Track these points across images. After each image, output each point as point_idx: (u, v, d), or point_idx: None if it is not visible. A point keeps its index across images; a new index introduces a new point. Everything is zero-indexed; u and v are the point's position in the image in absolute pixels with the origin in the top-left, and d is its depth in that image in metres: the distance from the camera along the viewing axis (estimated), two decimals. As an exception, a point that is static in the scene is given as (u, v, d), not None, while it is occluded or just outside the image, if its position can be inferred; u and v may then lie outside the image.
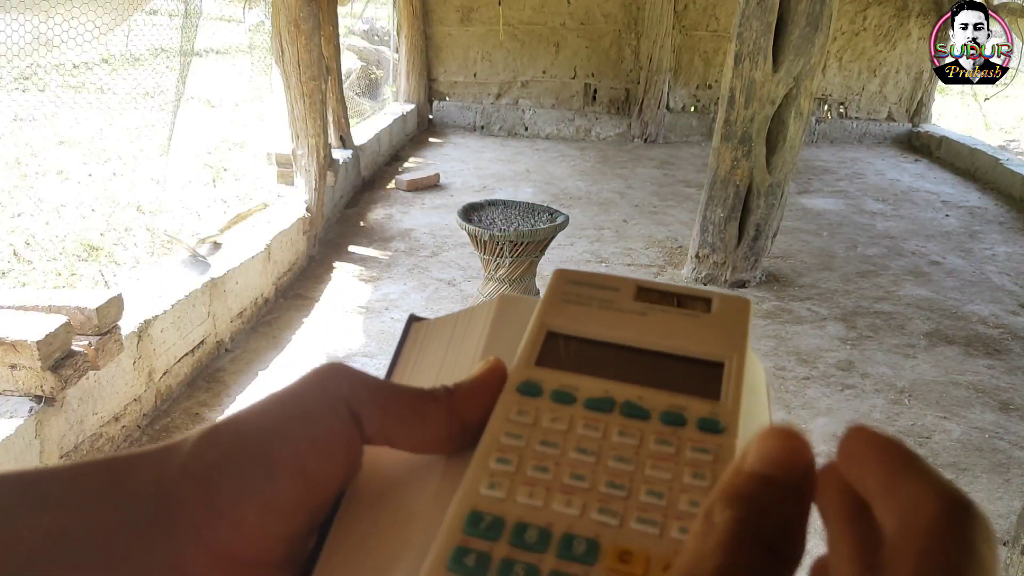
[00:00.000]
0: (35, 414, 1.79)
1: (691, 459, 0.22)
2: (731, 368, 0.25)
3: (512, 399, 0.24)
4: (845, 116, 7.30)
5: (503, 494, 0.21)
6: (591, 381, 0.24)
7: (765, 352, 2.99)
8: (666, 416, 0.23)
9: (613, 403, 0.24)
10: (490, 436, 0.23)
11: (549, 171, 5.83)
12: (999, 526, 2.04)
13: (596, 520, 0.20)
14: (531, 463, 0.22)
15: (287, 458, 0.22)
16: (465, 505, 0.21)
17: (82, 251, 3.39)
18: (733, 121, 3.37)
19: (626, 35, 6.96)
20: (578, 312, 0.27)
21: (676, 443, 0.22)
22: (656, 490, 0.21)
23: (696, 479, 0.21)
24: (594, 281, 0.28)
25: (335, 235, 4.13)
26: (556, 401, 0.24)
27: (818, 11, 3.13)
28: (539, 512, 0.21)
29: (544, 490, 0.21)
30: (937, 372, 2.89)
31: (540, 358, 0.25)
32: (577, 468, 0.22)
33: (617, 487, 0.21)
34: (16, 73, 2.37)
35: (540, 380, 0.24)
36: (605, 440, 0.22)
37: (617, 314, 0.27)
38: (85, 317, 1.93)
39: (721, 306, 0.27)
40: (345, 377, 0.24)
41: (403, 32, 6.80)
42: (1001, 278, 3.93)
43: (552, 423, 0.23)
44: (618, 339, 0.26)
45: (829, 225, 4.73)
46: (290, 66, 3.47)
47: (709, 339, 0.26)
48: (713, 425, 0.23)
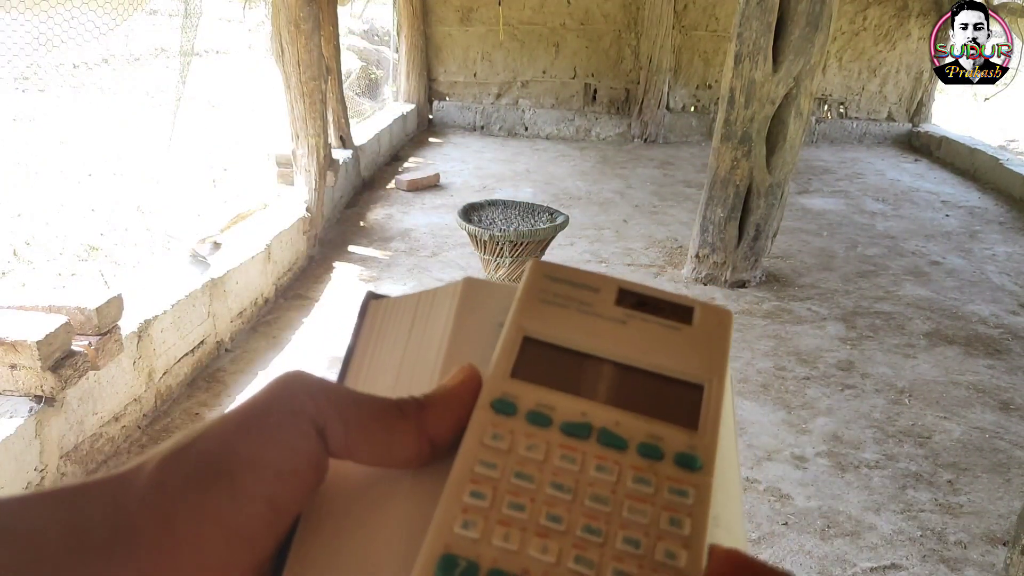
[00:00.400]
0: (35, 414, 1.78)
1: (668, 502, 0.22)
2: (711, 393, 0.25)
3: (486, 418, 0.23)
4: (845, 116, 7.30)
5: (477, 534, 0.21)
6: (568, 400, 0.24)
7: (765, 352, 2.99)
8: (643, 448, 0.23)
9: (590, 429, 0.23)
10: (463, 463, 0.22)
11: (549, 171, 5.83)
12: (999, 526, 2.04)
13: (572, 569, 0.20)
14: (506, 499, 0.22)
15: (253, 486, 0.21)
16: (437, 546, 0.20)
17: (82, 251, 3.39)
18: (733, 121, 3.37)
19: (626, 35, 6.95)
20: (556, 316, 0.26)
21: (654, 481, 0.22)
22: (633, 537, 0.21)
23: (672, 526, 0.21)
24: (573, 279, 0.28)
25: (335, 235, 4.13)
26: (532, 423, 0.23)
27: (818, 11, 3.13)
28: (514, 557, 0.20)
29: (519, 532, 0.21)
30: (937, 372, 2.88)
31: (516, 369, 0.25)
32: (553, 507, 0.21)
33: (594, 532, 0.21)
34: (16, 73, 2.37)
35: (515, 396, 0.24)
36: (582, 474, 0.22)
37: (597, 321, 0.26)
38: (85, 317, 1.93)
39: (703, 318, 0.27)
40: (308, 390, 0.23)
41: (403, 32, 6.80)
42: (1001, 278, 3.93)
43: (528, 451, 0.23)
44: (597, 351, 0.25)
45: (829, 225, 4.73)
46: (290, 66, 3.46)
47: (690, 356, 0.26)
48: (690, 461, 0.23)
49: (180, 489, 0.20)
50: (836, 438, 2.41)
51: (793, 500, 2.11)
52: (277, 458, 0.22)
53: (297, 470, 0.22)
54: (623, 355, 0.25)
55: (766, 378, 2.78)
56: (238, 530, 0.21)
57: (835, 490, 2.16)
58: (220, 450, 0.21)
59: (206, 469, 0.21)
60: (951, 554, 1.93)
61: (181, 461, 0.21)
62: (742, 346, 3.02)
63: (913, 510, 2.09)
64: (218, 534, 0.20)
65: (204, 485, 0.21)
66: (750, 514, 2.05)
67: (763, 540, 1.97)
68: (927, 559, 1.92)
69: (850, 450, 2.35)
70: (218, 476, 0.21)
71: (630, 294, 0.27)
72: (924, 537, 1.99)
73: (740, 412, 2.55)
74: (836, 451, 2.34)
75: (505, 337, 0.26)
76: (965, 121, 7.77)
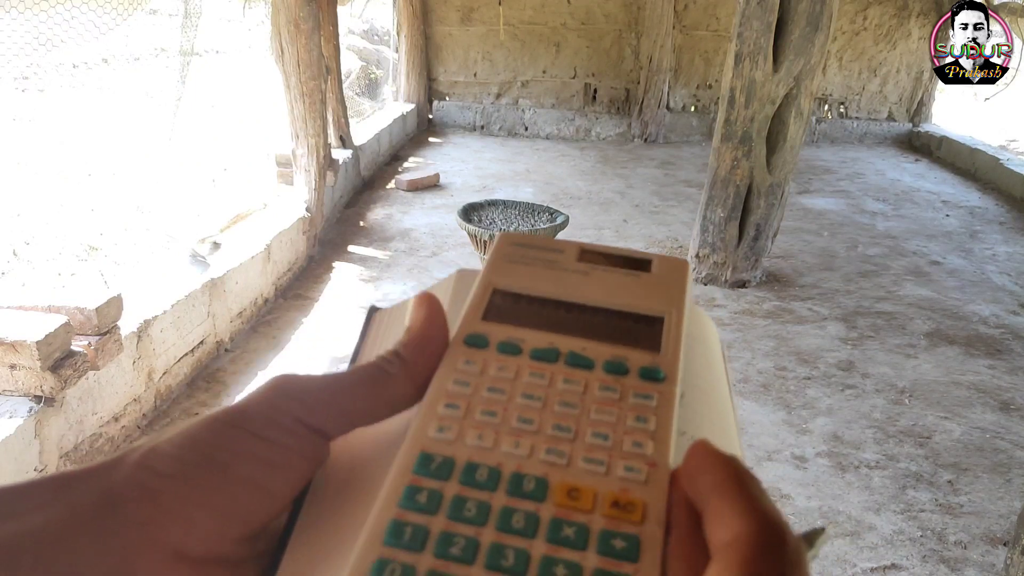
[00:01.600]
0: (35, 414, 1.78)
1: (634, 404, 0.23)
2: (671, 322, 0.26)
3: (459, 351, 0.25)
4: (845, 116, 7.29)
5: (453, 436, 0.22)
6: (536, 334, 0.25)
7: (766, 352, 2.98)
8: (609, 365, 0.24)
9: (558, 353, 0.24)
10: (438, 384, 0.23)
11: (549, 171, 5.82)
12: (1000, 526, 2.04)
13: (544, 460, 0.21)
14: (479, 408, 0.23)
15: (242, 474, 0.21)
16: (415, 447, 0.21)
17: (82, 251, 3.39)
18: (733, 121, 3.37)
19: (626, 35, 6.95)
20: (523, 271, 0.28)
21: (619, 389, 0.23)
22: (601, 432, 0.22)
23: (639, 422, 0.22)
24: (539, 243, 0.29)
25: (335, 235, 4.12)
26: (503, 352, 0.25)
27: (818, 11, 3.13)
28: (488, 453, 0.21)
29: (493, 432, 0.22)
30: (938, 372, 2.88)
31: (486, 313, 0.26)
32: (524, 412, 0.22)
33: (564, 429, 0.22)
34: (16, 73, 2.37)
35: (487, 333, 0.25)
36: (551, 387, 0.23)
37: (561, 273, 0.28)
38: (85, 317, 1.93)
39: (660, 267, 0.28)
40: (293, 393, 0.23)
41: (403, 32, 6.80)
42: (1002, 278, 3.92)
43: (499, 371, 0.24)
44: (562, 295, 0.27)
45: (830, 225, 4.73)
46: (290, 66, 3.46)
47: (649, 296, 0.27)
48: (654, 373, 0.24)
49: (168, 471, 0.21)
50: (836, 438, 2.41)
51: (793, 500, 2.11)
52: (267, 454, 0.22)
53: (290, 464, 0.22)
54: (587, 297, 0.27)
55: (767, 378, 2.78)
56: (228, 508, 0.21)
57: (835, 490, 2.16)
58: (209, 437, 0.22)
59: (194, 453, 0.21)
60: (951, 554, 1.93)
61: (170, 445, 0.21)
62: (743, 346, 3.02)
63: (913, 510, 2.09)
64: (206, 511, 0.21)
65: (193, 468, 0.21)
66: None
67: (763, 540, 1.96)
68: (927, 559, 1.91)
69: (850, 450, 2.35)
70: (207, 461, 0.21)
71: (592, 252, 0.29)
72: (924, 537, 1.99)
73: (741, 412, 2.55)
74: (836, 451, 2.34)
75: (475, 292, 0.27)
76: (966, 121, 7.76)
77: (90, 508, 0.20)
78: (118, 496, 0.20)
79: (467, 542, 0.19)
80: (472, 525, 0.19)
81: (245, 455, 0.22)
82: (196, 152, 4.93)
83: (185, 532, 0.20)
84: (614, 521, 0.20)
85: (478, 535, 0.19)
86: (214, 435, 0.22)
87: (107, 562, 0.20)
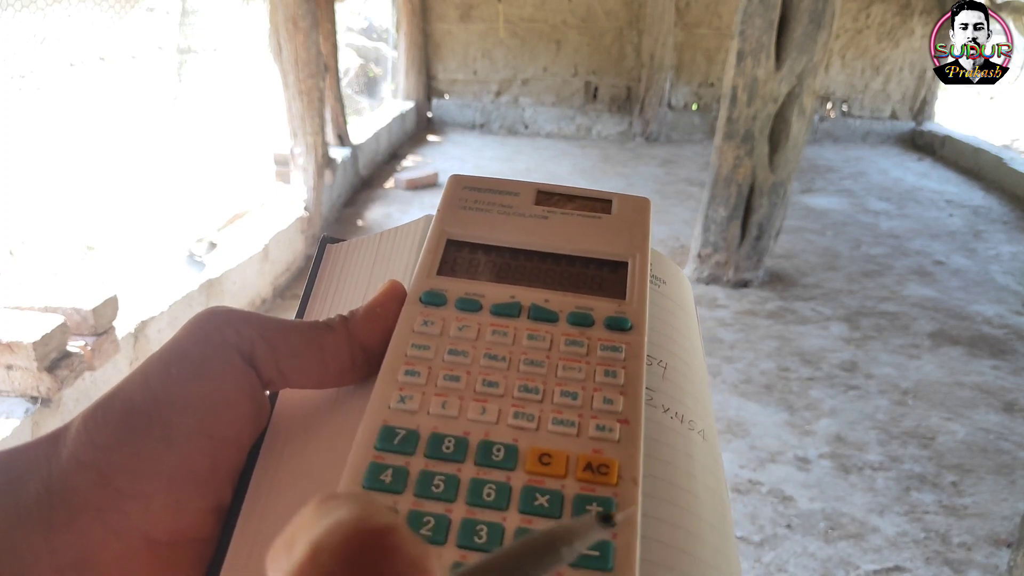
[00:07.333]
0: (31, 415, 1.77)
1: (602, 357, 0.22)
2: (635, 267, 0.25)
3: (416, 310, 0.23)
4: (848, 114, 7.27)
5: (415, 407, 0.21)
6: (496, 288, 0.24)
7: (768, 353, 2.96)
8: (573, 317, 0.23)
9: (520, 308, 0.23)
10: (396, 349, 0.22)
11: (549, 169, 5.81)
12: (1004, 528, 2.02)
13: (513, 425, 0.20)
14: (441, 373, 0.21)
15: (187, 425, 0.20)
16: (376, 421, 0.20)
17: (78, 251, 3.37)
18: (735, 119, 3.35)
19: (628, 32, 6.92)
20: (478, 219, 0.26)
21: (586, 343, 0.22)
22: (570, 391, 0.21)
23: (608, 376, 0.21)
24: (493, 186, 0.28)
25: (333, 234, 4.10)
26: (462, 309, 0.23)
27: (821, 8, 3.10)
28: (454, 422, 0.20)
29: (457, 399, 0.21)
30: (942, 373, 2.86)
31: (441, 267, 0.25)
32: (489, 375, 0.21)
33: (531, 391, 0.21)
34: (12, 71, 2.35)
35: (444, 289, 0.24)
36: (515, 345, 0.22)
37: (518, 219, 0.26)
38: (81, 317, 1.92)
39: (621, 206, 0.27)
40: (230, 321, 0.22)
41: (402, 29, 6.77)
42: (1006, 278, 3.90)
43: (460, 331, 0.23)
44: (521, 244, 0.26)
45: (833, 224, 4.71)
46: (288, 63, 3.44)
47: (611, 239, 0.26)
48: (620, 323, 0.23)
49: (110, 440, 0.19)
50: (840, 439, 2.39)
51: (796, 502, 2.09)
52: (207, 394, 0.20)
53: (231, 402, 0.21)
54: (546, 244, 0.26)
55: (769, 379, 2.76)
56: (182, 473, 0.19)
57: (838, 492, 2.14)
58: (145, 396, 0.20)
59: (134, 417, 0.19)
60: (955, 556, 1.92)
61: (108, 412, 0.20)
62: (745, 347, 3.00)
63: (917, 512, 2.07)
64: (161, 481, 0.19)
65: (135, 434, 0.19)
66: (753, 516, 2.03)
67: (766, 543, 1.95)
68: (931, 561, 1.90)
69: (854, 452, 2.33)
70: (149, 422, 0.19)
71: (549, 194, 0.27)
72: (928, 539, 1.97)
73: (743, 413, 2.53)
74: (840, 453, 2.32)
75: (427, 243, 0.26)
76: (969, 120, 7.74)
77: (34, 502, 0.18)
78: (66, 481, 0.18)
79: (437, 521, 0.18)
80: (441, 501, 0.18)
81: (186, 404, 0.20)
82: (192, 151, 4.91)
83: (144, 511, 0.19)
84: (589, 485, 0.19)
85: (448, 512, 0.18)
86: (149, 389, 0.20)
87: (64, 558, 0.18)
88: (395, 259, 0.29)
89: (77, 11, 2.22)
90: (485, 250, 0.25)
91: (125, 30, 2.85)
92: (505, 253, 0.25)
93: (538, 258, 0.25)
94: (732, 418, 2.47)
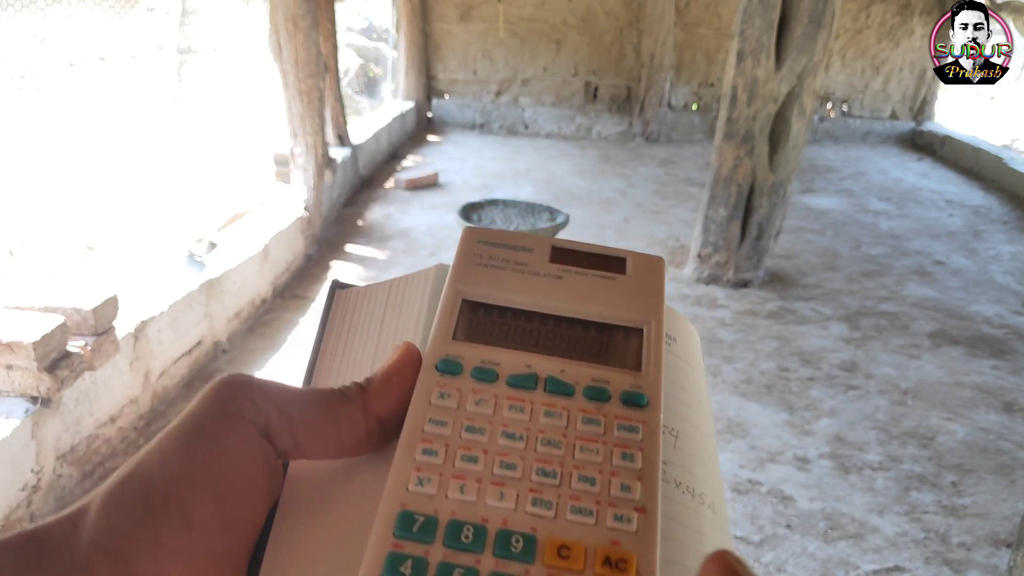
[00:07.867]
0: (31, 415, 1.77)
1: (618, 439, 0.22)
2: (650, 334, 0.25)
3: (432, 379, 0.23)
4: (848, 114, 7.26)
5: (433, 490, 0.20)
6: (512, 355, 0.24)
7: (768, 353, 2.96)
8: (590, 391, 0.23)
9: (536, 379, 0.23)
10: (413, 424, 0.22)
11: (549, 170, 5.80)
12: (1004, 528, 2.02)
13: (531, 512, 0.20)
14: (459, 453, 0.21)
15: (206, 506, 0.20)
16: (394, 504, 0.20)
17: (78, 251, 3.37)
18: (735, 119, 3.35)
19: (628, 32, 6.92)
20: (493, 277, 0.26)
21: (603, 421, 0.22)
22: (588, 475, 0.21)
23: (625, 460, 0.21)
24: (507, 241, 0.28)
25: (333, 234, 4.11)
26: (478, 379, 0.23)
27: (821, 8, 3.10)
28: (472, 507, 0.20)
29: (475, 483, 0.21)
30: (942, 373, 2.86)
31: (457, 331, 0.25)
32: (507, 456, 0.21)
33: (548, 474, 0.21)
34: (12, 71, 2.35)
35: (459, 356, 0.24)
36: (532, 422, 0.22)
37: (533, 279, 0.26)
38: (81, 317, 1.91)
39: (635, 266, 0.27)
40: (246, 392, 0.22)
41: (402, 29, 6.77)
42: (1006, 278, 3.90)
43: (476, 406, 0.22)
44: (536, 307, 0.26)
45: (833, 224, 4.70)
46: (288, 63, 3.44)
47: (627, 304, 0.26)
48: (637, 399, 0.23)
49: (129, 524, 0.19)
50: (839, 439, 2.39)
51: (796, 502, 2.09)
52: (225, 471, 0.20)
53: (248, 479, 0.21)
54: (562, 308, 0.25)
55: (769, 379, 2.76)
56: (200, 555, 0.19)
57: (838, 492, 2.14)
58: (163, 474, 0.20)
59: (152, 497, 0.19)
60: (955, 556, 1.91)
61: (125, 493, 0.20)
62: (745, 347, 3.00)
63: (917, 512, 2.07)
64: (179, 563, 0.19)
65: (153, 515, 0.19)
66: (752, 516, 2.03)
67: (766, 543, 1.95)
68: (931, 561, 1.90)
69: (853, 452, 2.33)
70: (166, 502, 0.19)
71: (563, 251, 0.28)
72: (928, 539, 1.97)
73: (744, 414, 2.53)
74: (839, 453, 2.32)
75: (443, 303, 0.26)
76: (970, 119, 7.73)
77: None
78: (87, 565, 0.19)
79: None
80: None
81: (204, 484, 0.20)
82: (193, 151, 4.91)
83: None
84: None
85: None
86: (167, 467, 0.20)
87: None
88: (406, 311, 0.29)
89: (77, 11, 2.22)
90: (500, 312, 0.25)
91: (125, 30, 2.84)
92: (521, 316, 0.25)
93: (553, 322, 0.25)
94: (732, 418, 2.47)
